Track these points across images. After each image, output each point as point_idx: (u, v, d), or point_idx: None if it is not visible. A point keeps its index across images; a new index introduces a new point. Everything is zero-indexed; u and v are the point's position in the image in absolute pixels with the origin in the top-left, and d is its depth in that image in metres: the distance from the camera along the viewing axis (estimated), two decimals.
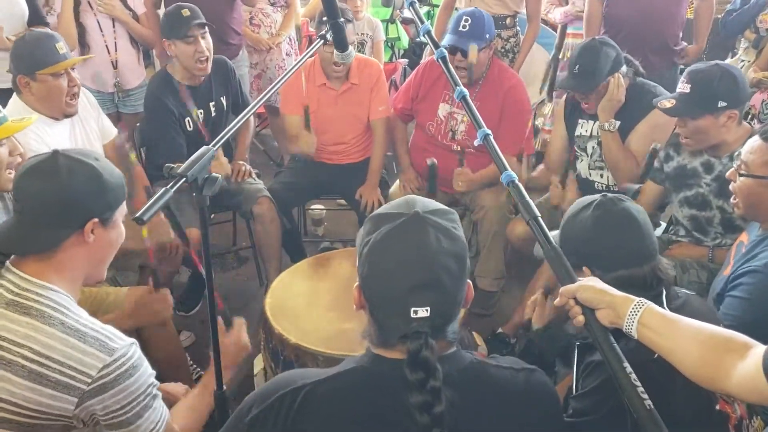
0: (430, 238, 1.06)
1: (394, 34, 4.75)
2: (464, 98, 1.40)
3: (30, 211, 1.37)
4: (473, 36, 2.74)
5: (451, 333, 1.12)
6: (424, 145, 3.07)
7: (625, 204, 1.52)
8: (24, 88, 2.32)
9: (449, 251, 1.07)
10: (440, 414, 1.02)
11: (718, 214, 2.28)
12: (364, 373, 1.12)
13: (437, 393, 1.03)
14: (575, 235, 1.53)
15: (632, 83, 2.60)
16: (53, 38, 2.34)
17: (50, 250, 1.37)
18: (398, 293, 1.05)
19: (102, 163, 1.43)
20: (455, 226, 1.11)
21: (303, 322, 2.05)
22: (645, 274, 1.46)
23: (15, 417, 1.29)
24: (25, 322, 1.30)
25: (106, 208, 1.41)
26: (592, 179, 2.78)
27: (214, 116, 2.95)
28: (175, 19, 2.75)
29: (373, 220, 1.12)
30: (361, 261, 1.10)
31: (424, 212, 1.09)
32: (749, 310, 1.74)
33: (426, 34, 1.56)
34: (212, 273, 1.42)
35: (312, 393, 1.10)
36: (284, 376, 1.17)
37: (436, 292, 1.05)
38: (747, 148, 1.83)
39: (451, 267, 1.06)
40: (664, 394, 1.20)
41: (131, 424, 1.34)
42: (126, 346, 1.33)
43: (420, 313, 1.04)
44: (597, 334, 1.17)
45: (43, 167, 1.37)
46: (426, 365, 1.03)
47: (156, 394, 1.39)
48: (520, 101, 2.92)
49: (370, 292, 1.10)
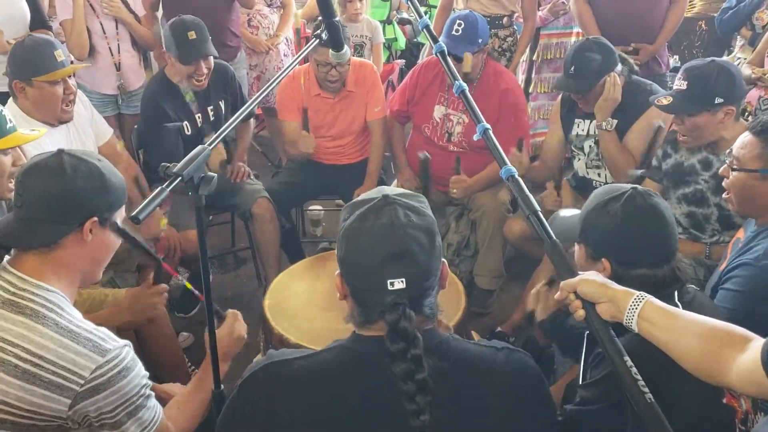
0: (399, 214, 1.12)
1: (391, 35, 4.75)
2: (463, 93, 1.40)
3: (31, 206, 1.37)
4: (466, 40, 2.75)
5: (428, 308, 1.15)
6: (421, 145, 3.06)
7: (655, 199, 1.49)
8: (20, 93, 2.32)
9: (418, 225, 1.12)
10: (423, 380, 1.06)
11: (716, 211, 2.28)
12: (345, 351, 1.16)
13: (419, 360, 1.06)
14: (602, 225, 1.50)
15: (628, 81, 2.60)
16: (52, 45, 2.34)
17: (49, 246, 1.37)
18: (373, 266, 1.10)
19: (105, 164, 1.44)
20: (423, 206, 1.17)
21: (302, 322, 2.04)
22: (665, 273, 1.44)
23: (9, 417, 1.28)
24: (20, 321, 1.30)
25: (107, 208, 1.42)
26: (589, 178, 2.79)
27: (213, 120, 2.95)
28: (179, 39, 2.68)
29: (347, 208, 1.19)
30: (339, 245, 1.16)
31: (393, 195, 1.15)
32: (741, 302, 1.74)
33: (425, 29, 1.55)
34: (209, 273, 1.42)
35: (294, 369, 1.14)
36: (269, 353, 1.22)
37: (409, 263, 1.10)
38: (738, 143, 1.83)
39: (420, 239, 1.11)
40: (670, 387, 1.20)
41: (123, 425, 1.34)
42: (119, 347, 1.33)
43: (396, 285, 1.09)
44: (597, 328, 1.17)
45: (48, 164, 1.38)
46: (405, 335, 1.07)
47: (149, 395, 1.39)
48: (515, 103, 2.92)
49: (347, 271, 1.15)
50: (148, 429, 1.38)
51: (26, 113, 2.31)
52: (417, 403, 1.05)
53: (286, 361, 1.17)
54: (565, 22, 3.80)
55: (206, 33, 2.72)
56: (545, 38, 3.82)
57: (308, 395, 1.12)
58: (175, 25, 2.72)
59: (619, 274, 1.44)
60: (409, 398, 1.05)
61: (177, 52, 2.69)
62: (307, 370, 1.14)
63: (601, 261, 1.47)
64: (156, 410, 1.41)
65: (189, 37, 2.66)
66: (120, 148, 2.75)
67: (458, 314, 2.03)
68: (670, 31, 3.35)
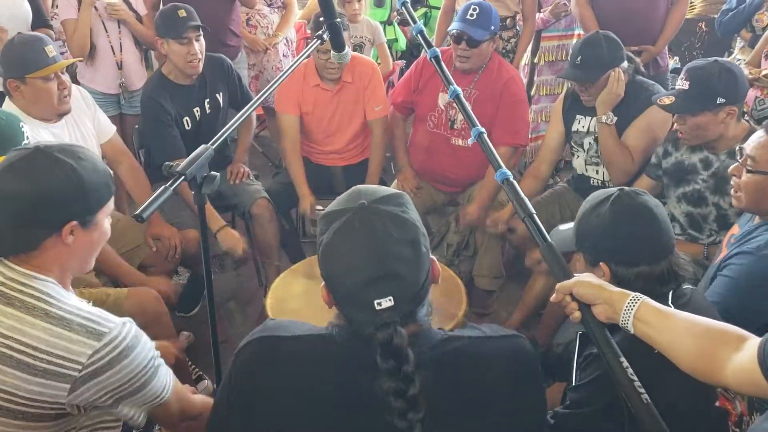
0: (377, 230, 1.05)
1: (392, 36, 4.75)
2: (457, 97, 1.41)
3: (5, 211, 1.32)
4: (481, 25, 2.79)
5: (422, 315, 1.12)
6: (423, 143, 3.08)
7: (644, 197, 1.50)
8: (14, 92, 2.32)
9: (399, 239, 1.06)
10: (414, 397, 1.02)
11: (714, 210, 2.29)
12: (334, 341, 1.12)
13: (410, 379, 1.02)
14: (593, 230, 1.50)
15: (631, 80, 2.62)
16: (42, 41, 2.33)
17: (28, 251, 1.34)
18: (357, 289, 1.05)
19: (84, 162, 1.36)
20: (404, 209, 1.10)
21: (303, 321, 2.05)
22: (663, 269, 1.44)
23: (8, 405, 1.28)
24: (9, 313, 1.29)
25: (86, 211, 1.36)
26: (587, 175, 2.80)
27: (210, 113, 2.95)
28: (170, 19, 2.75)
29: (323, 219, 1.12)
30: (319, 262, 1.11)
31: (370, 203, 1.08)
32: (734, 289, 1.74)
33: (418, 34, 1.57)
34: (211, 272, 1.43)
35: (282, 349, 1.13)
36: (265, 323, 1.21)
37: (394, 282, 1.05)
38: (753, 143, 1.79)
39: (403, 254, 1.05)
40: (660, 389, 1.21)
41: (134, 396, 1.33)
42: (117, 327, 1.30)
43: (384, 304, 1.04)
44: (593, 330, 1.18)
45: (20, 165, 1.32)
46: (397, 354, 1.03)
47: (158, 365, 1.37)
48: (516, 93, 2.95)
49: (332, 290, 1.11)
50: (161, 397, 1.38)
51: (23, 111, 2.31)
52: (409, 420, 1.02)
53: (276, 338, 1.15)
54: (567, 25, 3.81)
55: (195, 14, 2.78)
56: (546, 41, 3.83)
57: (289, 377, 1.11)
58: (165, 10, 2.82)
59: (619, 275, 1.44)
60: (400, 415, 1.02)
61: (169, 31, 2.74)
62: (294, 352, 1.12)
63: (600, 266, 1.47)
64: (167, 378, 1.40)
65: (179, 14, 2.73)
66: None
67: (460, 314, 2.04)
68: (671, 33, 3.36)
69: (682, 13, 3.37)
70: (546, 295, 2.65)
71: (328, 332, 1.14)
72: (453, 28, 2.86)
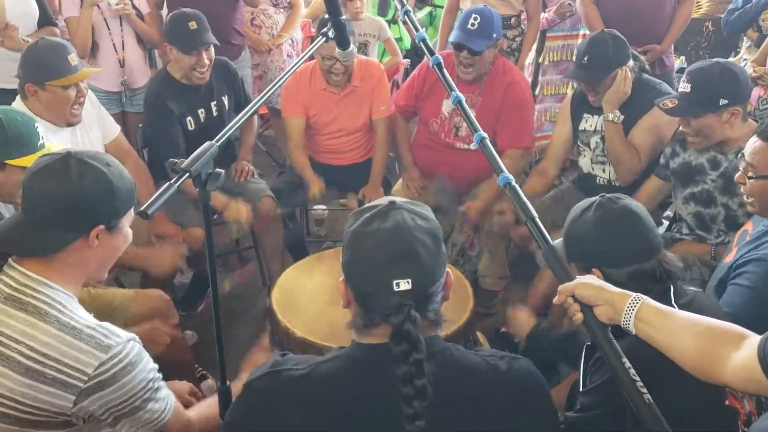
0: (405, 218, 1.14)
1: (396, 35, 4.74)
2: (460, 103, 1.42)
3: (37, 212, 1.36)
4: (482, 35, 2.76)
5: (432, 313, 1.16)
6: (426, 143, 3.08)
7: (625, 201, 1.54)
8: (32, 96, 2.32)
9: (424, 228, 1.14)
10: (423, 386, 1.06)
11: (723, 211, 2.28)
12: (345, 361, 1.17)
13: (420, 365, 1.07)
14: (580, 238, 1.55)
15: (638, 78, 2.61)
16: (66, 49, 2.34)
17: (54, 252, 1.36)
18: (378, 267, 1.11)
19: (113, 168, 1.40)
20: (428, 212, 1.19)
21: (309, 317, 2.05)
22: (653, 267, 1.47)
23: (14, 412, 1.29)
24: (23, 318, 1.30)
25: (113, 215, 1.40)
26: (594, 174, 2.79)
27: (216, 116, 2.95)
28: (180, 30, 2.71)
29: (353, 215, 1.20)
30: (344, 250, 1.17)
31: (399, 201, 1.18)
32: (752, 298, 1.73)
33: (421, 42, 1.56)
34: (216, 271, 1.43)
35: (295, 380, 1.15)
36: (273, 361, 1.23)
37: (415, 263, 1.10)
38: (749, 150, 1.81)
39: (426, 242, 1.12)
40: (670, 389, 1.21)
41: (133, 415, 1.35)
42: (123, 343, 1.33)
43: (402, 285, 1.09)
44: (596, 331, 1.18)
45: (55, 168, 1.35)
46: (409, 337, 1.08)
47: (159, 387, 1.39)
48: (521, 95, 2.94)
49: (352, 274, 1.15)
50: (159, 419, 1.39)
51: (36, 114, 2.31)
52: (414, 407, 1.05)
53: (287, 371, 1.17)
54: (572, 24, 3.80)
55: (206, 24, 2.75)
56: (551, 40, 3.81)
57: (307, 407, 1.13)
58: (176, 17, 2.76)
59: (612, 278, 1.46)
60: (407, 402, 1.06)
61: (178, 42, 2.71)
62: (307, 381, 1.15)
63: (593, 272, 1.48)
64: (167, 401, 1.42)
65: (190, 27, 2.69)
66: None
67: (466, 314, 2.04)
68: (677, 32, 3.36)
69: (688, 12, 3.36)
70: (550, 295, 2.64)
71: (336, 354, 1.18)
72: (454, 38, 2.83)
